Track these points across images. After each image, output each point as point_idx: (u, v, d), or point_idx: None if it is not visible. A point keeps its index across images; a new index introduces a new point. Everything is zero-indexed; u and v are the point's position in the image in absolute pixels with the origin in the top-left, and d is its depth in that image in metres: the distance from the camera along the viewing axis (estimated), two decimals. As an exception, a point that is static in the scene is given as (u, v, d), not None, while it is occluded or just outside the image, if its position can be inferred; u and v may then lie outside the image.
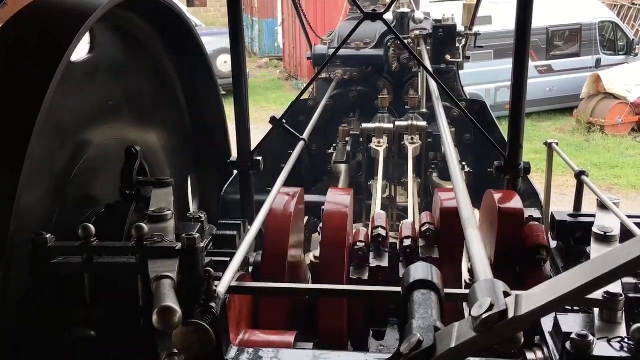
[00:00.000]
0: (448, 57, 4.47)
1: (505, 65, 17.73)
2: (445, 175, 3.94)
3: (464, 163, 3.87)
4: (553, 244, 2.52)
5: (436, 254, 2.38)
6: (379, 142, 3.82)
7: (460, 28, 4.80)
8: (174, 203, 3.20)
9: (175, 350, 1.37)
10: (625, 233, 2.16)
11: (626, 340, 1.44)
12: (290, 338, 1.99)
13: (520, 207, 2.43)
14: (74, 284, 1.65)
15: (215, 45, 18.22)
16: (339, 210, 2.46)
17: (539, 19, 16.81)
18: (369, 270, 2.35)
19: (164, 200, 2.45)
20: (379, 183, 3.42)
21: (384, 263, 2.36)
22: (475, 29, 5.09)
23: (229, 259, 1.96)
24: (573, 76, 17.69)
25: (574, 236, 2.38)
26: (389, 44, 4.68)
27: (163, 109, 3.26)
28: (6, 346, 1.65)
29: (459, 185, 2.03)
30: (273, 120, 2.80)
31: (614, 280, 1.09)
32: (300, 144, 2.81)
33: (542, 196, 3.10)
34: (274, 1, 25.13)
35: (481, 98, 16.73)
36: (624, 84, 16.49)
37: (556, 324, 1.88)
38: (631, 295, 1.95)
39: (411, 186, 3.32)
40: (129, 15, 2.77)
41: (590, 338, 1.43)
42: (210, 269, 1.43)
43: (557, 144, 2.90)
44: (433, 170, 4.13)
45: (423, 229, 2.45)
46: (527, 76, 2.67)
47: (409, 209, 3.13)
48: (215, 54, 19.99)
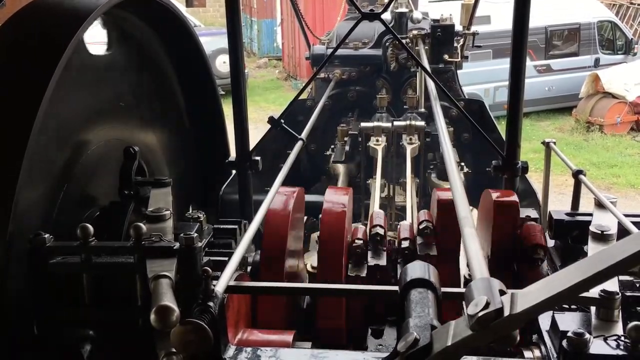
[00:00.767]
0: (446, 57, 4.48)
1: (504, 65, 17.61)
2: (444, 176, 3.94)
3: (463, 163, 3.88)
4: (551, 243, 2.53)
5: (434, 252, 2.38)
6: (377, 141, 3.82)
7: (458, 28, 4.80)
8: (173, 202, 3.24)
9: (174, 350, 1.37)
10: (623, 232, 2.17)
11: (622, 338, 1.44)
12: (288, 337, 2.00)
13: (516, 203, 2.44)
14: (73, 284, 1.65)
15: (214, 46, 18.21)
16: (337, 208, 2.46)
17: (538, 19, 16.82)
18: (367, 268, 2.36)
19: (162, 200, 2.45)
20: (377, 182, 3.43)
21: (382, 262, 2.37)
22: (474, 28, 5.10)
23: (227, 259, 1.97)
24: (572, 75, 17.71)
25: (572, 235, 2.38)
26: (387, 43, 4.69)
27: (162, 109, 3.27)
28: (5, 346, 1.66)
29: (456, 184, 2.04)
30: (271, 120, 2.81)
31: (609, 277, 1.10)
32: (298, 144, 2.82)
33: (540, 195, 3.11)
34: (272, 1, 25.12)
35: (480, 98, 16.79)
36: (622, 83, 16.52)
37: (553, 323, 1.89)
38: (628, 293, 1.96)
39: (409, 186, 3.33)
40: (126, 16, 2.77)
41: (587, 336, 1.43)
42: (208, 269, 1.44)
43: (555, 143, 2.91)
44: (431, 171, 4.14)
45: (421, 227, 2.46)
46: (525, 76, 2.68)
47: (407, 209, 3.14)
48: (214, 54, 19.99)
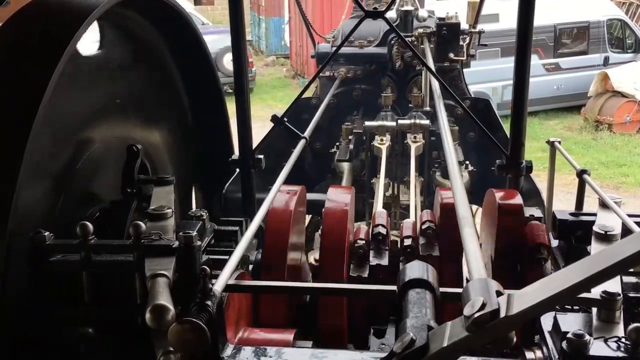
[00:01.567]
0: (452, 56, 4.45)
1: (512, 63, 17.69)
2: (448, 175, 3.92)
3: (467, 162, 3.86)
4: (555, 243, 2.51)
5: (436, 252, 2.37)
6: (381, 140, 3.81)
7: (464, 26, 4.78)
8: (176, 201, 3.24)
9: (171, 349, 1.37)
10: (627, 232, 2.15)
11: (623, 340, 1.43)
12: (289, 336, 2.00)
13: (520, 203, 2.43)
14: (73, 282, 1.65)
15: (221, 44, 18.27)
16: (338, 208, 2.46)
17: (547, 17, 16.74)
18: (369, 268, 2.35)
19: (164, 198, 2.45)
20: (381, 181, 3.42)
21: (384, 261, 2.36)
22: (481, 27, 5.07)
23: (227, 258, 1.97)
24: (581, 74, 17.63)
25: (575, 235, 2.36)
26: (393, 42, 4.67)
27: (166, 107, 3.27)
28: (5, 344, 1.66)
29: (456, 184, 2.03)
30: (274, 118, 2.80)
31: (609, 278, 1.09)
32: (301, 142, 2.81)
33: (545, 195, 3.09)
34: (280, -1, 25.15)
35: (488, 96, 16.73)
36: (632, 82, 16.43)
37: (555, 323, 1.88)
38: (631, 294, 1.95)
39: (413, 185, 3.32)
40: (129, 14, 2.78)
41: (587, 338, 1.42)
42: (206, 268, 1.43)
43: (560, 142, 2.88)
44: (436, 169, 4.12)
45: (423, 227, 2.45)
46: (529, 75, 2.66)
47: (410, 208, 3.13)
48: (221, 52, 20.05)
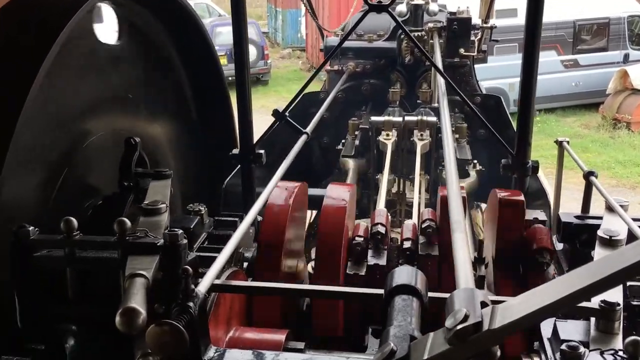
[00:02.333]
0: (462, 51, 4.37)
1: (530, 59, 17.47)
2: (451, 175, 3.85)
3: (475, 161, 3.78)
4: (559, 246, 2.44)
5: (435, 252, 2.31)
6: (387, 135, 3.75)
7: (476, 21, 4.69)
8: (175, 195, 3.21)
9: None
10: (632, 237, 2.08)
11: (620, 353, 1.36)
12: (281, 337, 1.95)
13: (521, 202, 2.37)
14: (57, 279, 1.62)
15: (238, 35, 18.17)
16: (337, 204, 2.40)
17: (566, 13, 16.50)
18: (367, 267, 2.30)
19: (160, 192, 2.42)
20: (385, 177, 3.36)
21: (382, 261, 2.31)
22: (500, 21, 4.97)
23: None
24: (600, 71, 17.37)
25: (580, 239, 2.29)
26: (402, 36, 4.59)
27: (168, 100, 3.24)
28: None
29: (452, 186, 1.96)
30: (275, 113, 2.75)
31: (605, 290, 1.03)
32: (302, 138, 2.76)
33: (551, 196, 3.01)
34: (297, -9, 25.08)
35: (505, 92, 16.53)
36: (652, 80, 16.15)
37: (555, 331, 1.82)
38: (634, 302, 1.88)
39: (418, 183, 3.25)
40: (132, 6, 2.74)
41: (582, 350, 1.36)
42: (188, 268, 1.39)
43: (568, 142, 2.80)
44: (443, 168, 4.03)
45: (423, 226, 2.39)
46: (537, 73, 2.58)
47: (414, 207, 3.07)
48: (237, 44, 20.05)
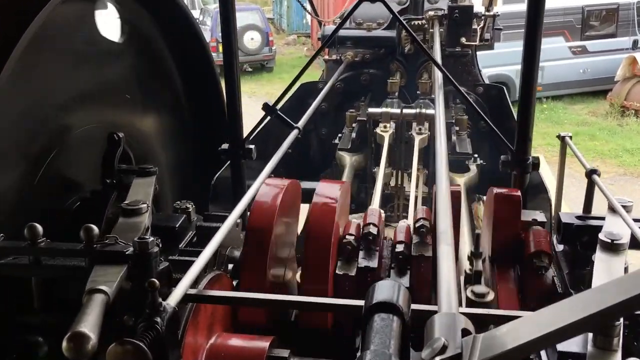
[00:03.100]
0: (464, 40, 4.23)
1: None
2: (455, 168, 3.74)
3: (476, 155, 3.66)
4: (559, 247, 2.34)
5: (429, 252, 2.21)
6: (384, 127, 3.63)
7: (479, 9, 4.54)
8: (165, 191, 3.11)
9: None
10: (635, 241, 1.97)
11: (618, 374, 1.26)
12: (264, 344, 1.86)
13: (517, 195, 2.27)
14: (23, 287, 1.54)
15: (241, 22, 18.18)
16: (326, 202, 2.30)
17: (575, -2, 16.24)
18: (357, 270, 2.20)
19: (143, 191, 2.33)
20: (382, 170, 3.24)
21: (373, 263, 2.20)
22: (508, 7, 4.81)
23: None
24: (608, 58, 17.12)
25: (581, 240, 2.19)
26: (402, 24, 4.45)
27: (156, 91, 3.13)
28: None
29: (441, 192, 1.85)
30: (265, 107, 2.64)
31: (602, 323, 0.93)
32: (293, 133, 2.65)
33: (553, 194, 2.90)
34: (302, -23, 24.81)
35: (511, 80, 16.31)
36: (661, 66, 15.92)
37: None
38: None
39: (415, 179, 3.14)
40: None
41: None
42: (155, 281, 1.29)
43: (571, 137, 2.68)
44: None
45: (417, 225, 2.28)
46: (539, 64, 2.46)
47: (410, 204, 2.96)
48: (242, 31, 19.94)
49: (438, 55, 3.03)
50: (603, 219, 2.23)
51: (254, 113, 2.81)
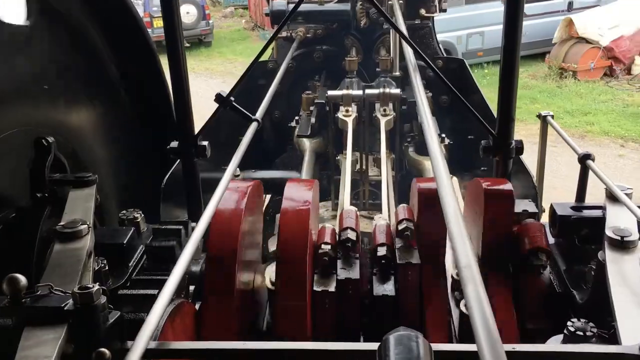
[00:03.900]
0: (423, 12, 3.97)
1: (477, 10, 17.25)
2: (423, 150, 3.51)
3: (444, 135, 3.44)
4: (550, 239, 2.14)
5: (416, 259, 1.97)
6: (347, 111, 3.35)
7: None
8: (110, 194, 2.75)
9: None
10: None
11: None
12: None
13: (509, 190, 2.05)
14: None
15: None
16: (298, 208, 2.02)
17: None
18: (337, 283, 1.95)
19: (81, 206, 1.99)
20: (348, 158, 2.98)
21: (355, 274, 1.95)
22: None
23: (156, 293, 1.54)
24: (545, 20, 17.31)
25: (580, 234, 2.00)
26: (356, -3, 4.15)
27: (85, 78, 2.74)
28: None
29: (441, 176, 1.59)
30: (219, 98, 2.32)
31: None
32: (253, 126, 2.34)
33: (534, 173, 2.72)
34: (237, -54, 24.03)
35: (453, 46, 16.27)
36: (596, 27, 16.21)
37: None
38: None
39: (385, 164, 2.89)
40: None
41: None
42: (105, 352, 1.00)
43: (553, 116, 2.48)
44: (409, 144, 3.69)
45: (400, 228, 2.04)
46: (520, 38, 2.23)
47: (382, 192, 2.71)
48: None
49: (403, 28, 2.75)
50: (600, 207, 2.05)
51: (194, 91, 2.48)
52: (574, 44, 16.58)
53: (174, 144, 2.44)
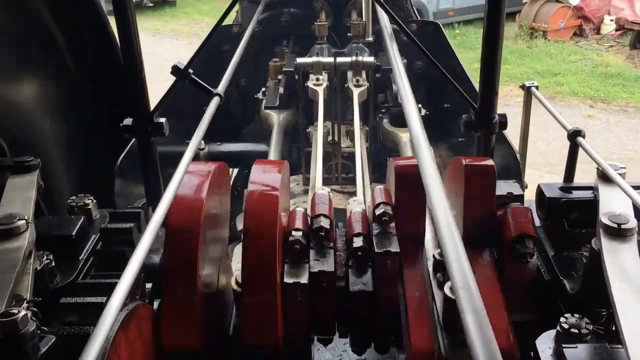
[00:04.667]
0: (397, -31, 3.74)
1: (449, -32, 16.99)
2: (398, 122, 3.33)
3: (420, 105, 3.25)
4: (537, 220, 2.01)
5: (396, 247, 1.81)
6: (317, 80, 3.14)
7: None
8: (60, 176, 2.53)
9: None
10: (637, 211, 1.67)
11: None
12: None
13: (490, 165, 1.90)
14: None
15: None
16: (266, 192, 1.83)
17: None
18: (310, 275, 1.78)
19: (20, 196, 1.77)
20: (320, 131, 2.79)
21: (329, 266, 1.79)
22: None
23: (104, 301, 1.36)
24: (516, -22, 17.17)
25: (569, 217, 1.86)
26: (326, -46, 3.89)
27: (31, 53, 2.48)
28: None
29: (422, 151, 1.42)
30: (176, 70, 2.09)
31: None
32: (214, 100, 2.12)
33: (517, 145, 2.58)
34: None
35: (423, 5, 15.99)
36: (567, -15, 16.16)
37: (561, 358, 1.41)
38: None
39: (358, 137, 2.70)
40: None
41: None
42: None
43: (537, 87, 2.32)
44: (383, 115, 3.49)
45: (377, 213, 1.87)
46: (505, 3, 2.05)
47: (356, 168, 2.53)
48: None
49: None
50: (590, 188, 1.92)
51: (159, 53, 2.24)
52: (544, 3, 16.52)
53: (128, 121, 2.21)
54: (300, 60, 3.20)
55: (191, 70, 2.12)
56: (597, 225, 1.63)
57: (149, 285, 1.74)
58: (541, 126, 9.54)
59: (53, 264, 1.70)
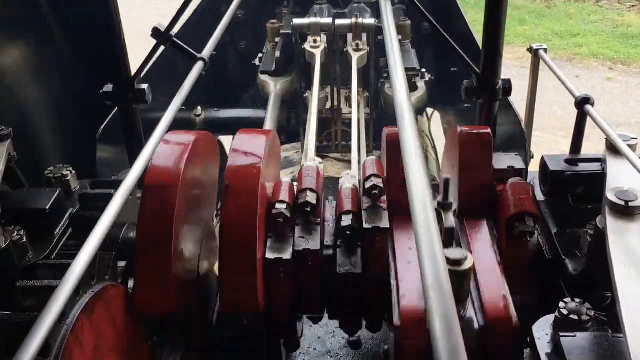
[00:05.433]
0: None
1: None
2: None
3: (424, 70, 3.09)
4: (539, 195, 1.88)
5: (385, 223, 1.69)
6: (315, 42, 2.98)
7: None
8: (46, 144, 2.45)
9: None
10: None
11: None
12: None
13: (487, 133, 1.78)
14: None
15: None
16: (247, 165, 1.71)
17: None
18: (295, 254, 1.67)
19: (-11, 168, 1.68)
20: (315, 95, 2.64)
21: (315, 244, 1.68)
22: None
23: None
24: None
25: (574, 192, 1.73)
26: None
27: (10, 16, 2.35)
28: None
29: (404, 118, 1.29)
30: (156, 32, 1.96)
31: None
32: (198, 65, 1.99)
33: (523, 115, 2.42)
34: None
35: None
36: (589, -59, 15.54)
37: (557, 347, 1.30)
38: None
39: (356, 104, 2.56)
40: None
41: None
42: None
43: (546, 50, 2.16)
44: (385, 80, 3.33)
45: (367, 185, 1.75)
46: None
47: (352, 138, 2.41)
48: None
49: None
50: (598, 160, 1.78)
51: (146, 14, 2.11)
52: (564, -39, 15.93)
53: (108, 87, 2.09)
54: (297, 21, 3.04)
55: (173, 33, 1.99)
56: (603, 202, 1.50)
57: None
58: (558, 89, 9.28)
59: (24, 239, 1.61)
